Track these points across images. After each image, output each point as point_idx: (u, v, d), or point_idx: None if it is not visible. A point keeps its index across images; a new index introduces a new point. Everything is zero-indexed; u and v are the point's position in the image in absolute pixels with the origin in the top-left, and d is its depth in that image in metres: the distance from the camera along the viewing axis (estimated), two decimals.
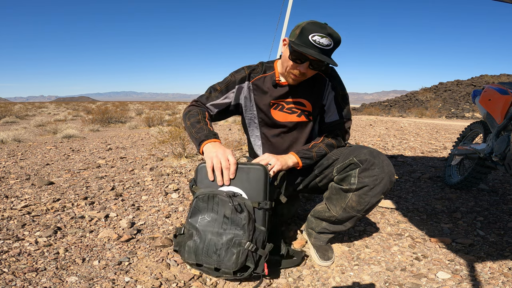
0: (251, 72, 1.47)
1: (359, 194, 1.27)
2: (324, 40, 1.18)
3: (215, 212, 1.16)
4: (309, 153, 1.40)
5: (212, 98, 1.48)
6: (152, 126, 8.33)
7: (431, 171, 3.11)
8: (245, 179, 1.21)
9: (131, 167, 3.25)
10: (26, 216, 1.85)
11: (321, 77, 1.46)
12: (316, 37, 1.18)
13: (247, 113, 1.54)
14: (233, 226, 1.15)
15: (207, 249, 1.14)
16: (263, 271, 1.17)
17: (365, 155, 1.25)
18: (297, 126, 1.49)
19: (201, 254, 1.15)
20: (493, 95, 2.15)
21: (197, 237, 1.15)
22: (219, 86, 1.49)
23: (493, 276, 1.33)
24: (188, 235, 1.19)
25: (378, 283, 1.30)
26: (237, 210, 1.15)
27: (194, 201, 1.20)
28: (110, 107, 16.48)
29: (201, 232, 1.16)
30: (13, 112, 14.20)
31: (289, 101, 1.46)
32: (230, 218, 1.16)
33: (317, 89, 1.46)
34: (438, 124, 9.36)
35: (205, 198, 1.18)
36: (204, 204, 1.17)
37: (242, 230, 1.14)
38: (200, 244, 1.15)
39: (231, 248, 1.13)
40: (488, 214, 2.02)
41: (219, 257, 1.13)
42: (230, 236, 1.14)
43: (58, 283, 1.21)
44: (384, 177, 1.23)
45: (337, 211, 1.36)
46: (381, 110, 23.13)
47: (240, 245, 1.13)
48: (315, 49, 1.20)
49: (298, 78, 1.36)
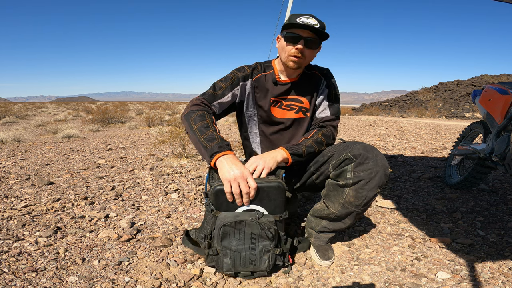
0: (252, 70, 1.52)
1: (356, 188, 1.28)
2: (311, 20, 1.35)
3: (243, 232, 1.23)
4: (299, 149, 1.39)
5: (218, 96, 1.45)
6: (152, 126, 8.33)
7: (431, 171, 3.11)
8: (265, 198, 1.26)
9: (131, 167, 3.25)
10: (26, 216, 1.85)
11: (317, 76, 1.55)
12: (302, 18, 1.36)
13: (248, 111, 1.57)
14: (261, 239, 1.24)
15: (243, 262, 1.26)
16: (289, 261, 1.35)
17: (358, 150, 1.28)
18: (294, 122, 1.55)
19: (239, 266, 1.26)
20: (493, 95, 2.15)
21: (232, 255, 1.24)
22: (223, 83, 1.47)
23: (493, 276, 1.33)
24: (222, 254, 1.25)
25: (378, 283, 1.30)
26: (265, 229, 1.22)
27: (221, 228, 1.22)
28: (110, 107, 16.49)
29: (235, 251, 1.24)
30: (13, 112, 14.20)
31: (288, 98, 1.53)
32: (258, 234, 1.23)
33: (313, 86, 1.54)
34: (438, 124, 9.36)
35: (232, 224, 1.22)
36: (231, 229, 1.22)
37: (269, 240, 1.24)
38: (237, 260, 1.25)
39: (263, 256, 1.26)
40: (488, 214, 2.02)
41: (255, 266, 1.26)
42: (260, 247, 1.24)
43: (58, 283, 1.21)
44: (379, 170, 1.26)
45: (335, 207, 1.36)
46: (381, 110, 23.14)
47: (269, 251, 1.25)
48: (304, 27, 1.34)
49: (298, 60, 1.41)
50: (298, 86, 1.52)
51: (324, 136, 1.47)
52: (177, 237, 1.66)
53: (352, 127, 8.39)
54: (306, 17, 1.36)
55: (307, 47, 1.39)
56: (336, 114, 1.55)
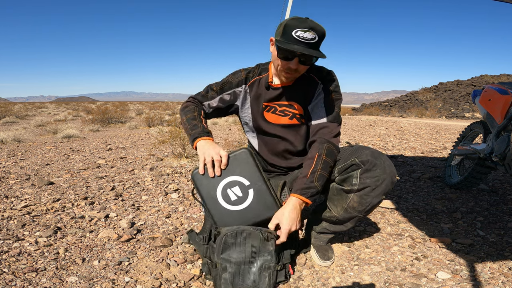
0: (247, 74, 1.48)
1: (361, 194, 1.26)
2: (308, 34, 1.19)
3: (243, 245, 1.23)
4: (313, 189, 1.26)
5: (207, 97, 1.53)
6: (152, 126, 8.33)
7: (431, 171, 3.11)
8: (236, 166, 1.31)
9: (131, 167, 3.25)
10: (26, 216, 1.85)
11: (314, 80, 1.42)
12: (299, 32, 1.19)
13: (243, 115, 1.55)
14: (261, 253, 1.23)
15: (242, 278, 1.23)
16: (289, 272, 1.31)
17: (366, 156, 1.25)
18: (289, 128, 1.48)
19: (238, 284, 1.23)
20: (493, 95, 2.15)
21: (231, 269, 1.23)
22: (214, 87, 1.52)
23: (493, 276, 1.33)
24: (221, 268, 1.24)
25: (378, 283, 1.30)
26: (266, 240, 1.22)
27: (223, 238, 1.23)
28: (110, 107, 16.49)
29: (234, 264, 1.23)
30: (13, 112, 14.20)
31: (281, 104, 1.45)
32: (258, 247, 1.22)
33: (308, 91, 1.43)
34: (438, 124, 9.36)
35: (233, 234, 1.23)
36: (232, 240, 1.23)
37: (270, 255, 1.22)
38: (236, 276, 1.23)
39: (263, 273, 1.22)
40: (488, 214, 2.02)
41: (254, 282, 1.22)
42: (260, 263, 1.22)
43: (58, 283, 1.21)
44: (386, 178, 1.23)
45: (338, 211, 1.35)
46: (381, 110, 23.14)
47: (270, 268, 1.22)
48: (300, 44, 1.20)
49: (291, 75, 1.34)
50: (291, 91, 1.42)
51: (328, 156, 1.31)
52: (177, 237, 1.66)
53: (352, 127, 8.39)
54: (303, 30, 1.18)
55: (301, 64, 1.28)
56: (334, 119, 1.39)
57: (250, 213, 1.29)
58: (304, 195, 1.25)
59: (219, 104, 1.53)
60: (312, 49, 1.22)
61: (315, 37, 1.20)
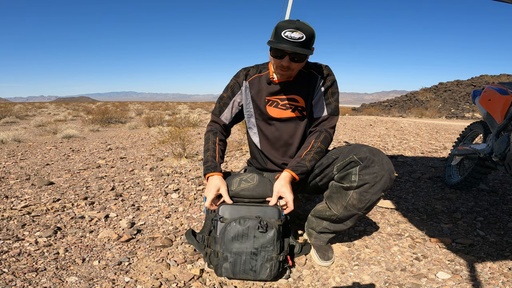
0: (247, 72, 1.58)
1: (360, 191, 1.28)
2: (295, 34, 1.29)
3: (246, 235, 1.24)
4: (303, 167, 1.41)
5: (222, 108, 1.60)
6: (152, 126, 8.33)
7: (431, 171, 3.11)
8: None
9: (131, 167, 3.25)
10: (26, 216, 1.85)
11: (314, 75, 1.52)
12: (287, 32, 1.29)
13: (246, 111, 1.61)
14: (264, 244, 1.24)
15: (243, 268, 1.25)
16: (288, 263, 1.33)
17: (365, 153, 1.28)
18: (292, 121, 1.55)
19: (239, 273, 1.26)
20: (493, 95, 2.15)
21: (232, 259, 1.24)
22: (225, 93, 1.60)
23: (493, 276, 1.33)
24: (222, 258, 1.25)
25: (378, 283, 1.30)
26: (264, 228, 1.24)
27: (225, 227, 1.26)
28: (110, 107, 16.48)
29: (236, 254, 1.24)
30: (13, 112, 14.19)
31: (283, 98, 1.53)
32: (260, 237, 1.24)
33: (309, 86, 1.52)
34: (438, 124, 9.35)
35: (235, 224, 1.25)
36: (234, 230, 1.25)
37: (272, 246, 1.24)
38: (237, 265, 1.25)
39: (264, 264, 1.24)
40: (488, 214, 2.02)
41: (255, 272, 1.25)
42: (262, 254, 1.24)
43: (58, 283, 1.21)
44: (384, 174, 1.26)
45: (338, 209, 1.36)
46: (381, 110, 23.14)
47: (272, 259, 1.25)
48: (287, 43, 1.30)
49: (285, 73, 1.42)
50: (292, 85, 1.51)
51: (323, 143, 1.47)
52: (177, 237, 1.66)
53: (352, 127, 8.39)
54: (291, 30, 1.29)
55: (293, 61, 1.36)
56: (334, 112, 1.53)
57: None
58: (295, 172, 1.40)
59: (235, 111, 1.61)
60: (300, 47, 1.30)
61: (302, 36, 1.29)
